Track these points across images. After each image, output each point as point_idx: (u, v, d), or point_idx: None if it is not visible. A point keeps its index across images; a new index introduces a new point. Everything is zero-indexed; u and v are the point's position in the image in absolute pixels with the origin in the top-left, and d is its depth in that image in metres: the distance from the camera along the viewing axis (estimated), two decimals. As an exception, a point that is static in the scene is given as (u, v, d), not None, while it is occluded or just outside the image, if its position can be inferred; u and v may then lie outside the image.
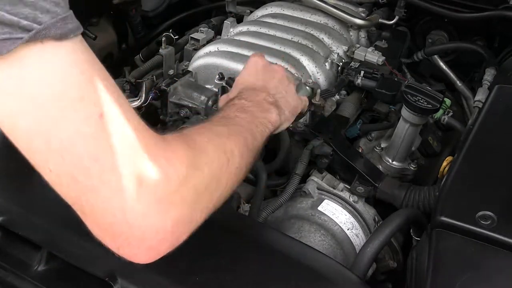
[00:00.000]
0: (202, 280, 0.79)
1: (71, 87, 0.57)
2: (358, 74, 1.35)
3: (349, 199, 1.16)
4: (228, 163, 0.73)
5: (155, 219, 0.60)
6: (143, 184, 0.59)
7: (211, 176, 0.69)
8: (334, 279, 0.84)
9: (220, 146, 0.74)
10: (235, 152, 0.75)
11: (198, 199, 0.66)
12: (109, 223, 0.60)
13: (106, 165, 0.58)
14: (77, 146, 0.57)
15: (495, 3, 1.52)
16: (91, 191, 0.59)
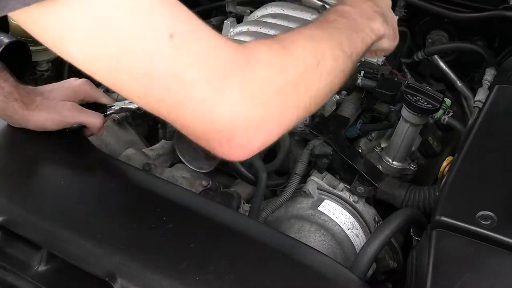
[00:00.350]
0: (202, 280, 0.79)
1: (138, 15, 0.59)
2: (358, 74, 1.35)
3: (349, 199, 1.17)
4: (318, 65, 0.72)
5: (242, 119, 0.63)
6: (225, 90, 0.62)
7: (297, 77, 0.69)
8: (334, 279, 0.84)
9: (309, 47, 0.72)
10: (326, 54, 0.73)
11: (284, 100, 0.67)
12: (202, 132, 0.64)
13: (187, 80, 0.60)
14: (156, 69, 0.60)
15: (495, 3, 1.52)
16: (179, 107, 0.62)
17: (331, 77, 0.75)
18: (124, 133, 1.33)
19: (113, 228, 0.87)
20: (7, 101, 1.01)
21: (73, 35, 0.58)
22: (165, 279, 0.79)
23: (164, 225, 0.89)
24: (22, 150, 1.04)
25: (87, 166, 1.03)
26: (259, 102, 0.64)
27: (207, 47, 0.62)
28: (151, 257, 0.83)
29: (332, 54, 0.75)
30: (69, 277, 0.87)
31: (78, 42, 0.59)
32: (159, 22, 0.60)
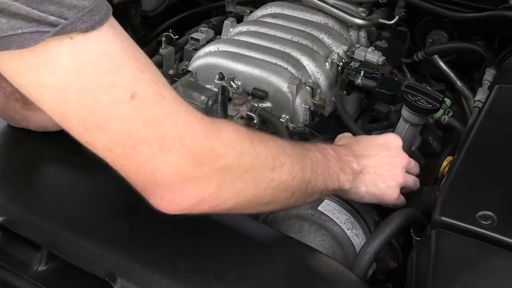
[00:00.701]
0: (202, 280, 0.79)
1: (101, 74, 0.60)
2: (358, 74, 1.35)
3: (349, 199, 1.16)
4: (273, 170, 0.73)
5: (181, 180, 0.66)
6: (173, 152, 0.64)
7: (249, 167, 0.70)
8: (334, 279, 0.84)
9: (274, 151, 0.74)
10: (285, 167, 0.75)
11: (230, 180, 0.69)
12: (141, 182, 0.66)
13: (138, 139, 0.63)
14: (111, 125, 0.62)
15: (495, 3, 1.52)
16: (125, 158, 0.64)
17: (279, 188, 0.75)
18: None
19: (113, 228, 0.87)
20: (8, 101, 1.01)
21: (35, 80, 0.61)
22: (165, 279, 0.79)
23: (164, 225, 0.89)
24: (22, 150, 1.04)
25: (87, 166, 1.03)
26: (203, 171, 0.66)
27: (167, 113, 0.64)
28: (151, 257, 0.83)
29: (291, 170, 0.76)
30: (69, 277, 0.87)
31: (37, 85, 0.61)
32: (123, 81, 0.62)
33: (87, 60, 0.59)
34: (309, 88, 1.30)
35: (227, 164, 0.68)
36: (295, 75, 1.30)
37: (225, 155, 0.67)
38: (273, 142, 0.76)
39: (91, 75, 0.60)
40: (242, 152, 0.69)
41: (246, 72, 1.29)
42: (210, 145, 0.66)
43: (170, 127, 0.63)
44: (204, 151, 0.65)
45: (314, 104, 1.28)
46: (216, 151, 0.66)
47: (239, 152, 0.69)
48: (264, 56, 1.33)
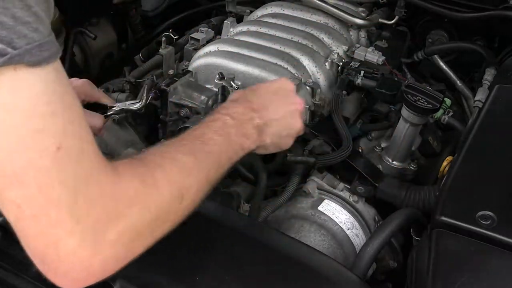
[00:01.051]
0: (202, 280, 0.79)
1: (33, 117, 0.57)
2: (358, 74, 1.35)
3: (349, 199, 1.17)
4: (181, 200, 0.72)
5: (86, 256, 0.61)
6: (81, 221, 0.59)
7: (157, 215, 0.68)
8: (334, 279, 0.84)
9: (179, 183, 0.72)
10: (192, 189, 0.74)
11: (136, 238, 0.66)
12: (41, 252, 0.61)
13: (51, 198, 0.58)
14: (28, 176, 0.57)
15: (495, 3, 1.52)
16: (30, 218, 0.59)
17: (191, 207, 0.75)
18: (124, 133, 1.33)
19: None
20: None
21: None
22: (165, 279, 0.79)
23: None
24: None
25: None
26: (110, 242, 0.62)
27: (84, 172, 0.60)
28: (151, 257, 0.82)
29: (197, 189, 0.75)
30: (69, 277, 0.87)
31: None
32: (53, 129, 0.58)
33: (25, 97, 0.56)
34: (309, 88, 1.30)
35: (132, 224, 0.64)
36: (295, 75, 1.30)
37: (130, 215, 0.64)
38: (176, 169, 0.73)
39: (24, 114, 0.56)
40: (147, 205, 0.67)
41: (246, 72, 1.29)
42: (115, 209, 0.63)
43: (83, 190, 0.60)
44: (109, 218, 0.62)
45: (314, 104, 1.28)
46: (120, 214, 0.63)
47: (144, 206, 0.66)
48: (264, 56, 1.33)
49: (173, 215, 0.72)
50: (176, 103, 1.25)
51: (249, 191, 1.22)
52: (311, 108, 1.28)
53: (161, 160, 0.73)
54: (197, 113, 1.23)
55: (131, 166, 0.68)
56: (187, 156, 0.77)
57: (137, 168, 0.69)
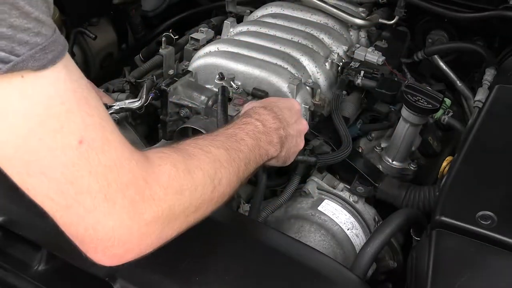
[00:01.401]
0: (202, 280, 0.79)
1: (50, 118, 0.58)
2: (358, 74, 1.35)
3: (349, 199, 1.17)
4: (213, 190, 0.74)
5: (124, 234, 0.63)
6: (116, 204, 0.62)
7: (190, 201, 0.70)
8: (334, 279, 0.84)
9: (211, 172, 0.74)
10: (223, 181, 0.76)
11: (172, 219, 0.68)
12: (81, 235, 0.63)
13: (82, 188, 0.60)
14: (55, 172, 0.59)
15: (495, 3, 1.52)
16: (65, 209, 0.61)
17: (221, 200, 0.77)
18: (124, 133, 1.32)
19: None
20: None
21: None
22: (165, 279, 0.79)
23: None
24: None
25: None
26: (146, 221, 0.64)
27: (111, 161, 0.62)
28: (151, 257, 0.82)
29: (228, 181, 0.78)
30: (69, 277, 0.87)
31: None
32: (72, 126, 0.59)
33: (37, 102, 0.57)
34: (309, 88, 1.30)
35: (168, 206, 0.67)
36: (295, 75, 1.30)
37: (164, 198, 0.66)
38: (208, 160, 0.75)
39: (39, 118, 0.57)
40: (181, 189, 0.69)
41: (246, 72, 1.29)
42: (150, 191, 0.65)
43: (114, 176, 0.61)
44: (145, 200, 0.64)
45: (314, 104, 1.28)
46: (156, 196, 0.65)
47: (178, 191, 0.68)
48: (264, 56, 1.33)
49: (206, 204, 0.74)
50: (176, 103, 1.25)
51: (249, 191, 1.22)
52: (311, 108, 1.28)
53: (194, 150, 0.75)
54: (197, 113, 1.23)
55: (164, 153, 0.70)
56: (220, 149, 0.79)
57: (170, 154, 0.71)
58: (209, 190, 0.73)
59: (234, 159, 0.81)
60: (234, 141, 0.84)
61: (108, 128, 0.63)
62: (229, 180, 0.78)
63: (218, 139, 0.82)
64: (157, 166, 0.67)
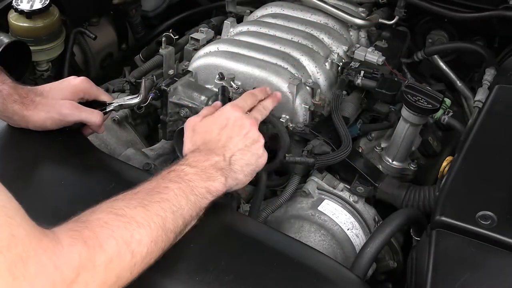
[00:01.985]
0: (202, 280, 0.79)
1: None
2: (358, 74, 1.35)
3: (349, 199, 1.17)
4: (133, 254, 0.71)
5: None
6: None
7: (106, 274, 0.68)
8: (334, 279, 0.84)
9: (126, 237, 0.71)
10: (143, 241, 0.73)
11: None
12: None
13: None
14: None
15: (495, 3, 1.52)
16: None
17: (147, 259, 0.74)
18: (124, 133, 1.33)
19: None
20: (6, 103, 1.01)
21: None
22: (165, 279, 0.79)
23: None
24: (22, 150, 1.04)
25: (87, 166, 1.03)
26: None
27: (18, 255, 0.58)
28: (151, 257, 0.83)
29: (151, 239, 0.74)
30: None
31: None
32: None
33: None
34: (309, 88, 1.30)
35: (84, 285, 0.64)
36: (295, 75, 1.30)
37: (77, 280, 0.63)
38: (121, 224, 0.72)
39: None
40: (93, 266, 0.66)
41: (246, 72, 1.29)
42: (61, 276, 0.62)
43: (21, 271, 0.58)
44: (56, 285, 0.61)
45: (314, 104, 1.28)
46: (68, 278, 0.62)
47: (90, 268, 0.66)
48: (264, 56, 1.33)
49: (126, 272, 0.71)
50: (176, 103, 1.25)
51: (249, 191, 1.22)
52: (311, 108, 1.28)
53: (107, 217, 0.72)
54: (197, 113, 1.23)
55: (73, 230, 0.68)
56: (137, 208, 0.76)
57: (79, 231, 0.68)
58: (127, 257, 0.70)
59: (156, 212, 0.77)
60: (156, 193, 0.80)
61: (14, 223, 0.60)
62: (152, 237, 0.74)
63: (136, 197, 0.79)
64: (67, 247, 0.64)
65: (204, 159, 0.91)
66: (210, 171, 0.89)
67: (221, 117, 1.00)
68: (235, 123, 0.99)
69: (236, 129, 0.98)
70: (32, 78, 1.48)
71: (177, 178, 0.85)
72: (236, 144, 0.96)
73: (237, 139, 0.97)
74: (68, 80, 1.11)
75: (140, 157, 1.22)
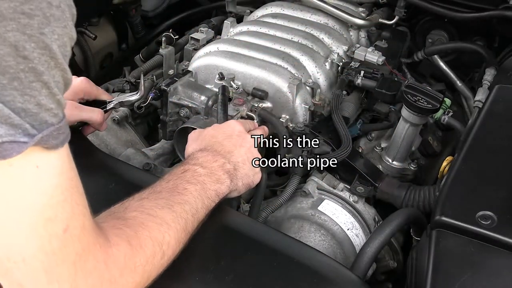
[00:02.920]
0: (202, 280, 0.79)
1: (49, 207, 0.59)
2: (358, 74, 1.35)
3: (349, 199, 1.17)
4: (163, 256, 0.74)
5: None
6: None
7: (142, 275, 0.71)
8: (334, 279, 0.84)
9: (160, 239, 0.74)
10: (172, 243, 0.76)
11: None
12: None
13: (53, 277, 0.60)
14: (35, 260, 0.59)
15: (495, 3, 1.52)
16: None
17: (170, 260, 0.77)
18: (124, 133, 1.33)
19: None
20: None
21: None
22: (164, 279, 0.79)
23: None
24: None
25: (87, 166, 1.03)
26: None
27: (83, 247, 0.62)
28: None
29: (176, 241, 0.77)
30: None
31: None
32: (62, 215, 0.60)
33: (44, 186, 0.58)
34: (309, 88, 1.30)
35: (123, 285, 0.68)
36: (295, 75, 1.30)
37: (120, 280, 0.67)
38: (155, 226, 0.75)
39: (38, 207, 0.58)
40: (134, 267, 0.69)
41: (246, 72, 1.29)
42: (109, 275, 0.65)
43: (82, 264, 0.62)
44: (103, 284, 0.64)
45: (314, 104, 1.28)
46: (113, 279, 0.66)
47: (132, 269, 0.69)
48: (264, 56, 1.33)
49: (156, 271, 0.74)
50: (176, 103, 1.25)
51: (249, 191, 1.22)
52: (311, 108, 1.28)
53: (142, 217, 0.75)
54: (197, 113, 1.24)
55: (117, 228, 0.70)
56: (165, 209, 0.78)
57: (122, 229, 0.70)
58: (158, 258, 0.73)
59: (180, 215, 0.79)
60: (177, 194, 0.83)
61: (87, 214, 0.64)
62: (177, 239, 0.77)
63: (161, 197, 0.81)
64: (115, 246, 0.67)
65: (212, 159, 0.94)
66: (218, 173, 0.92)
67: (227, 127, 1.05)
68: (239, 135, 1.03)
69: (240, 141, 1.02)
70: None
71: (193, 179, 0.87)
72: (239, 153, 0.99)
73: (240, 150, 1.00)
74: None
75: (140, 157, 1.22)
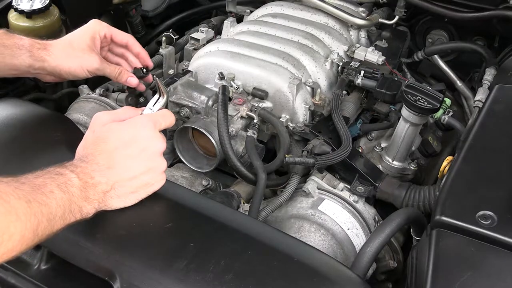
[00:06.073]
0: (202, 280, 0.79)
1: None
2: (358, 73, 1.35)
3: (349, 199, 1.16)
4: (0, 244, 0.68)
5: None
6: None
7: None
8: (334, 278, 0.84)
9: (2, 226, 0.68)
10: (15, 236, 0.70)
11: None
12: None
13: None
14: None
15: (495, 3, 1.52)
16: None
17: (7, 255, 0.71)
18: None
19: (112, 227, 0.87)
20: (33, 53, 1.08)
21: None
22: (164, 278, 0.79)
23: (164, 224, 0.89)
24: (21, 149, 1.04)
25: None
26: None
27: None
28: (151, 256, 0.83)
29: (21, 237, 0.71)
30: (69, 277, 0.87)
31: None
32: None
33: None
34: (309, 88, 1.30)
35: None
36: (295, 75, 1.30)
37: None
38: (4, 210, 0.69)
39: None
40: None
41: (246, 72, 1.29)
42: None
43: None
44: None
45: (314, 104, 1.28)
46: None
47: None
48: (264, 56, 1.33)
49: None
50: (176, 103, 1.25)
51: (249, 190, 1.22)
52: (311, 108, 1.28)
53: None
54: (197, 112, 1.24)
55: None
56: (21, 200, 0.72)
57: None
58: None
59: (35, 213, 0.73)
60: (41, 193, 0.76)
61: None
62: (23, 236, 0.71)
63: (23, 188, 0.74)
64: None
65: (90, 175, 0.84)
66: (89, 191, 0.83)
67: (128, 130, 0.90)
68: (139, 144, 0.89)
69: (137, 151, 0.89)
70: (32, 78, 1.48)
71: (64, 187, 0.80)
72: (128, 168, 0.88)
73: (132, 164, 0.88)
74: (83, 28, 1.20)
75: (140, 156, 1.22)
